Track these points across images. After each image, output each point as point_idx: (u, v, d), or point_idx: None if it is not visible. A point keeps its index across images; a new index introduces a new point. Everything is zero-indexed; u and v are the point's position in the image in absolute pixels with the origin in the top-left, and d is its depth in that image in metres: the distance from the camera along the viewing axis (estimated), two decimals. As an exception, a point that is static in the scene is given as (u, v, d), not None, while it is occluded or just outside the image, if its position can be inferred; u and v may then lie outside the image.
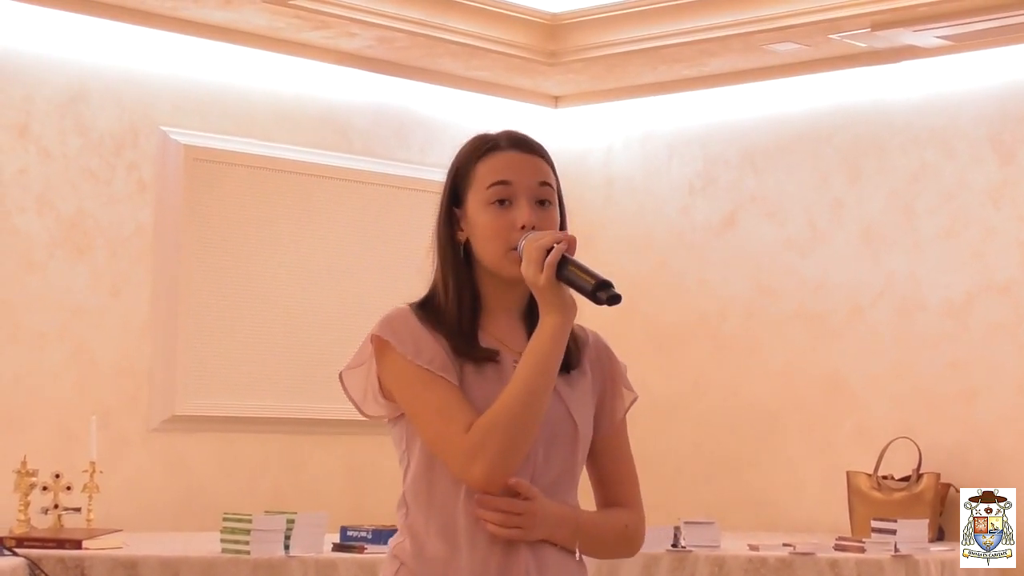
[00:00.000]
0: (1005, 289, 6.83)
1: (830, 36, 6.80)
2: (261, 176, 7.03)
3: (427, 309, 2.68)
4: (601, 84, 7.83)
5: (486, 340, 2.67)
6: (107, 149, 6.62)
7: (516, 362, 2.64)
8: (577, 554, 2.68)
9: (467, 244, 2.69)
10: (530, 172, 2.66)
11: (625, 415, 2.80)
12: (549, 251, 2.56)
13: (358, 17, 6.71)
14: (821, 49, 7.04)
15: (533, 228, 2.63)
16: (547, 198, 2.68)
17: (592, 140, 8.03)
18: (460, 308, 2.65)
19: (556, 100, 8.10)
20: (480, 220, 2.65)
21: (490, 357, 2.65)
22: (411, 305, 2.70)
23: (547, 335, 2.58)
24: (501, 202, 2.64)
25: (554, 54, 7.39)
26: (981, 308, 6.87)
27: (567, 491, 2.69)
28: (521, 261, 2.61)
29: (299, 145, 7.17)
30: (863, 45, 6.94)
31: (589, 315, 2.96)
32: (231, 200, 6.93)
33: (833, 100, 7.34)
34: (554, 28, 7.35)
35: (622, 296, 2.56)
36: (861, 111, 7.26)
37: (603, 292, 2.55)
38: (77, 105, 6.54)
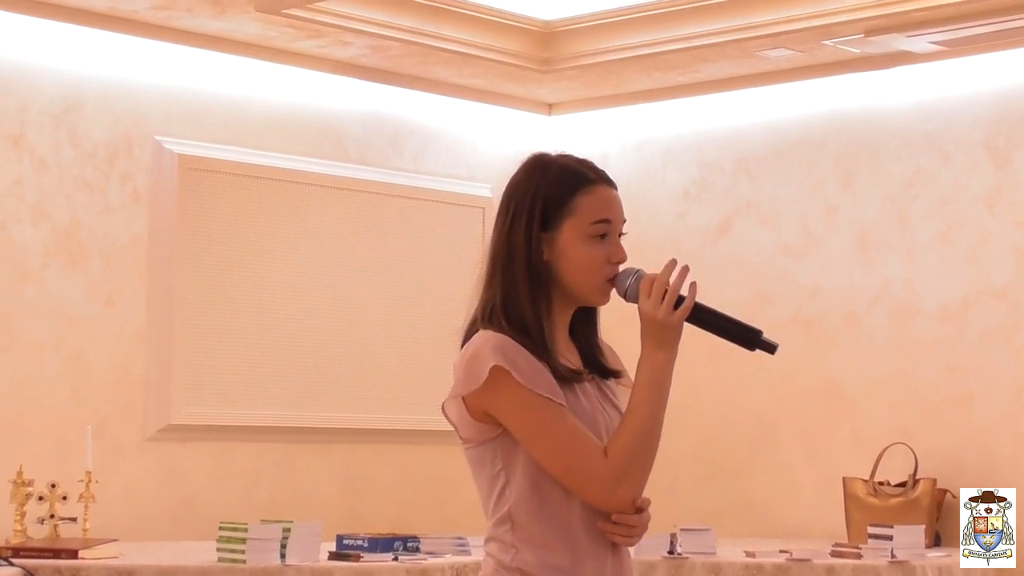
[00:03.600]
0: (1001, 294, 6.83)
1: (824, 42, 6.81)
2: (255, 185, 7.02)
3: (521, 333, 2.77)
4: (595, 91, 7.83)
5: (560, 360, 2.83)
6: (101, 159, 6.61)
7: (589, 381, 2.86)
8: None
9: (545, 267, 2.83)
10: (620, 210, 2.89)
11: None
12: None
13: (351, 26, 6.71)
14: (815, 55, 7.05)
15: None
16: (624, 232, 2.91)
17: (586, 147, 8.01)
18: (551, 333, 2.81)
19: (550, 107, 8.10)
20: (580, 251, 2.82)
21: (580, 379, 2.84)
22: (500, 330, 2.77)
23: (665, 368, 2.89)
24: (601, 236, 2.84)
25: (548, 61, 7.39)
26: (977, 313, 6.87)
27: None
28: (610, 292, 2.86)
29: (293, 154, 7.17)
30: (857, 51, 6.94)
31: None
32: (225, 209, 6.93)
33: (827, 106, 7.34)
34: (547, 35, 7.34)
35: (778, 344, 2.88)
36: (855, 117, 7.26)
37: (760, 340, 2.93)
38: (71, 115, 6.54)
